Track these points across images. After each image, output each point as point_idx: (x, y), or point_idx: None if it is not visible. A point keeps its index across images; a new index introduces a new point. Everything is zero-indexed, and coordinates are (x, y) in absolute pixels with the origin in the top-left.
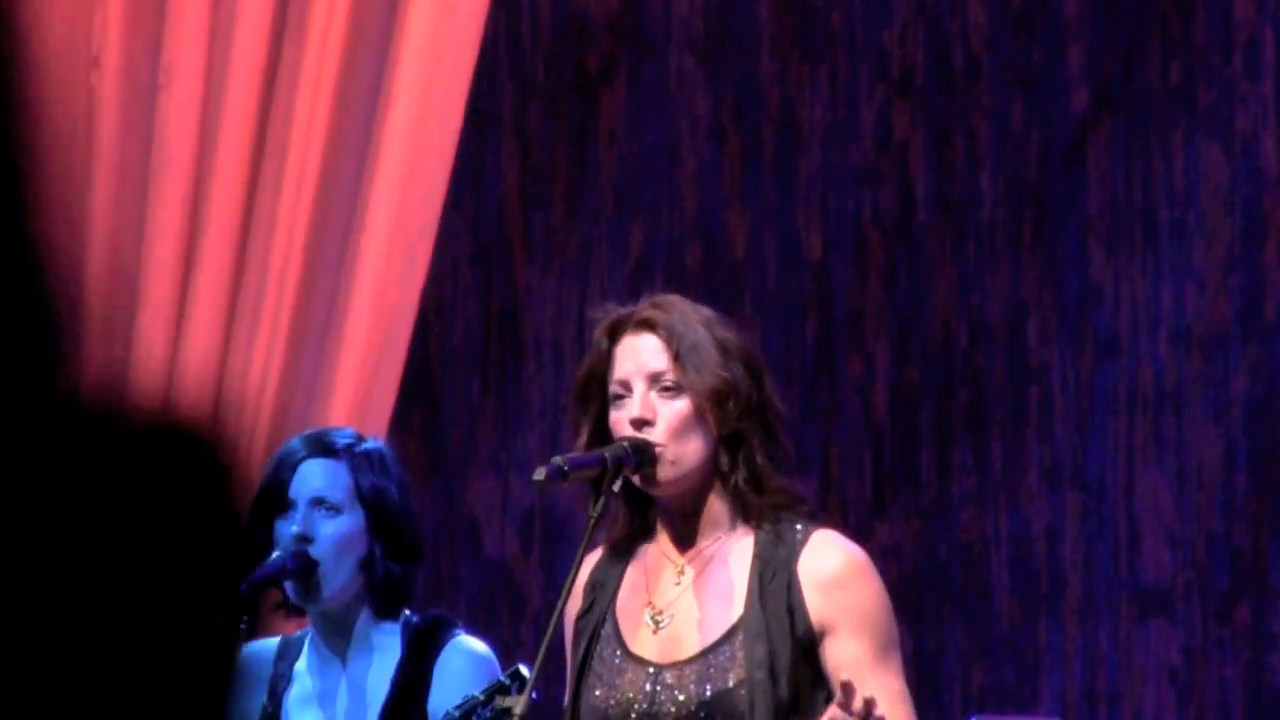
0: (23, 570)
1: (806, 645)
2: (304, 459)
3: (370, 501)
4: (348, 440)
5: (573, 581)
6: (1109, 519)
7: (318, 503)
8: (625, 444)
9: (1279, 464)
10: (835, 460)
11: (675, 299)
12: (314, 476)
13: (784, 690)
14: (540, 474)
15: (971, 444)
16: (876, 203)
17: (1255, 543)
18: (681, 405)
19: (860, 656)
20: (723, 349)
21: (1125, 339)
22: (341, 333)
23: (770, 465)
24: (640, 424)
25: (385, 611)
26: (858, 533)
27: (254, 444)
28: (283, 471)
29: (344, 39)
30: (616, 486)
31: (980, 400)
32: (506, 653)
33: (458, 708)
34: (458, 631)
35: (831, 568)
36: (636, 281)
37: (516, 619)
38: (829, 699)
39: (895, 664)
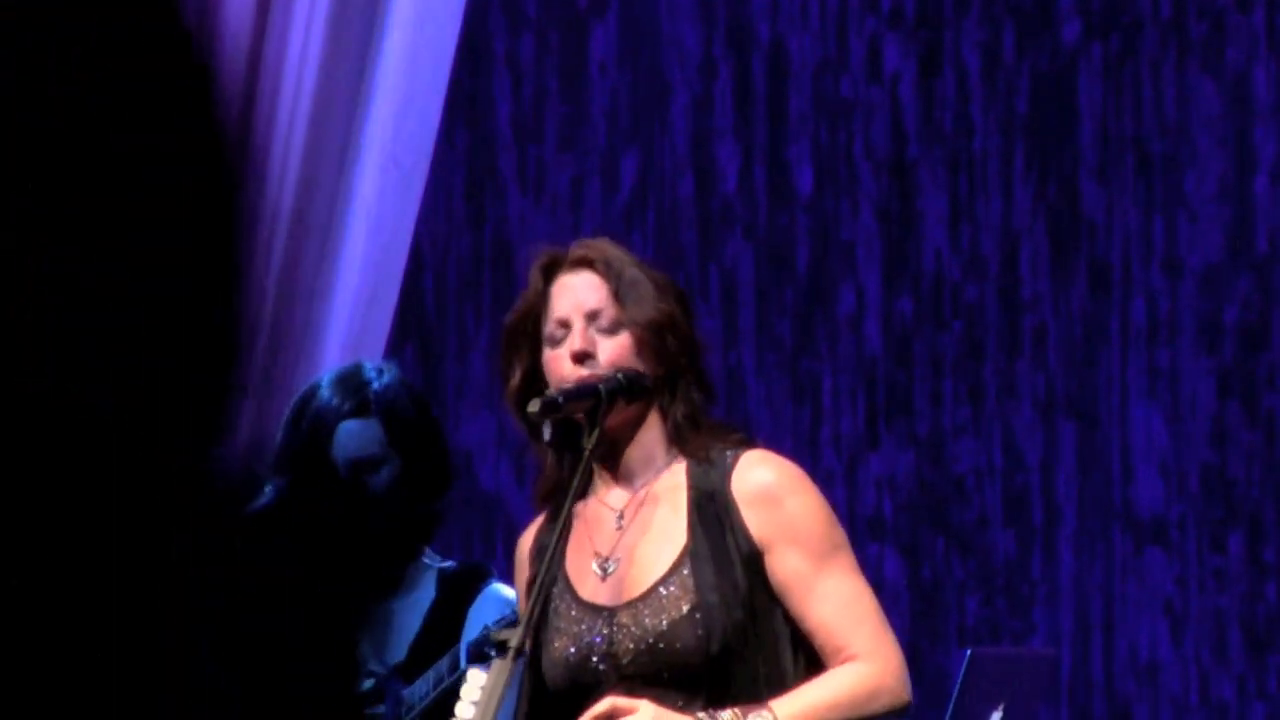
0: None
1: (752, 564)
2: (339, 420)
3: (406, 449)
4: (376, 389)
5: (568, 513)
6: (1102, 450)
7: (358, 464)
8: (619, 375)
9: (1272, 394)
10: (828, 393)
11: (603, 240)
12: (351, 438)
13: (738, 612)
14: (534, 406)
15: (965, 375)
16: (868, 135)
17: (1248, 473)
18: (622, 339)
19: (801, 566)
20: (657, 285)
21: (1117, 269)
22: (335, 268)
23: (701, 398)
24: (581, 357)
25: (419, 540)
26: (851, 465)
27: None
28: (320, 434)
29: None
30: (548, 435)
31: (973, 332)
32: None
33: (474, 643)
34: (493, 579)
35: (761, 482)
36: (629, 214)
37: (511, 552)
38: (786, 616)
39: (843, 565)
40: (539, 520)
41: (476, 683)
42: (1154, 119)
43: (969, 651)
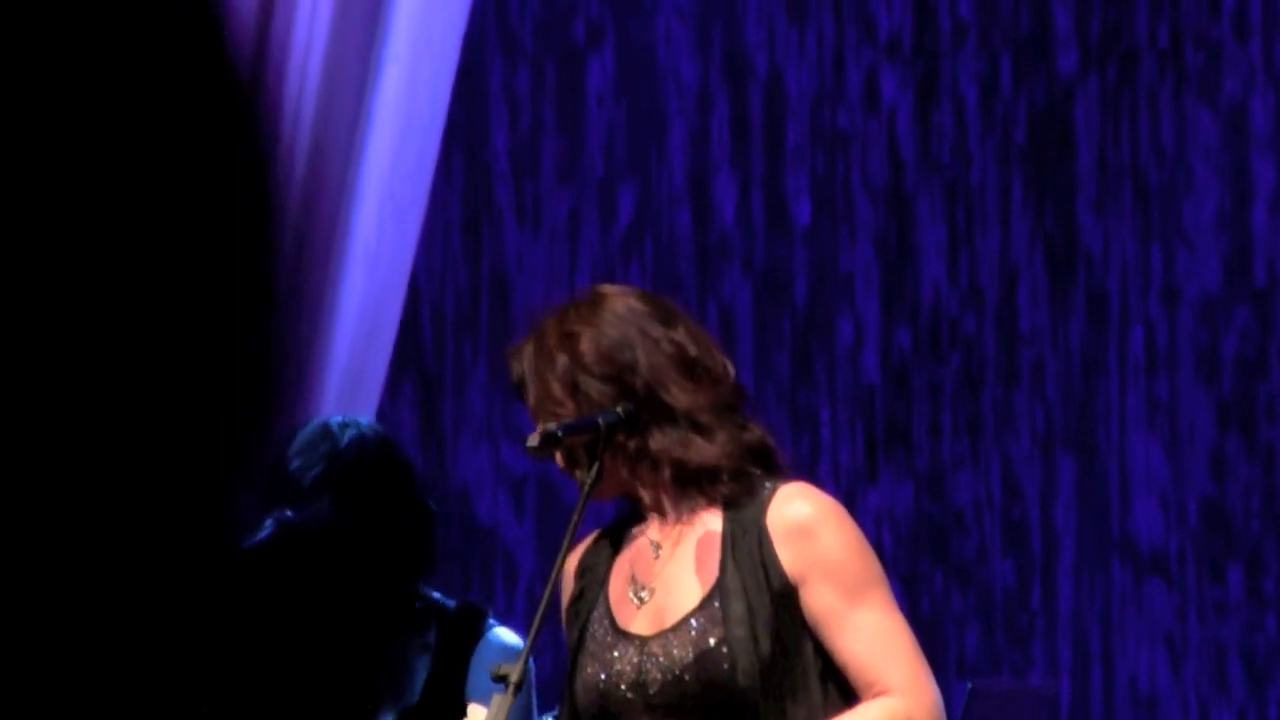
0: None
1: (784, 598)
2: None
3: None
4: (341, 457)
5: (567, 549)
6: (1101, 481)
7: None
8: (619, 410)
9: (1271, 425)
10: (827, 424)
11: (536, 330)
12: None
13: (765, 645)
14: (534, 440)
15: (963, 407)
16: (866, 166)
17: (1247, 504)
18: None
19: (835, 600)
20: (577, 367)
21: (1116, 300)
22: (334, 303)
23: (695, 443)
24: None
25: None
26: (850, 497)
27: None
28: (293, 466)
29: (333, 10)
30: (593, 473)
31: (971, 363)
32: (499, 621)
33: None
34: (492, 624)
35: (795, 516)
36: (627, 247)
37: (509, 587)
38: (818, 650)
39: (878, 599)
40: (589, 539)
41: (477, 717)
42: (1151, 149)
43: (969, 685)
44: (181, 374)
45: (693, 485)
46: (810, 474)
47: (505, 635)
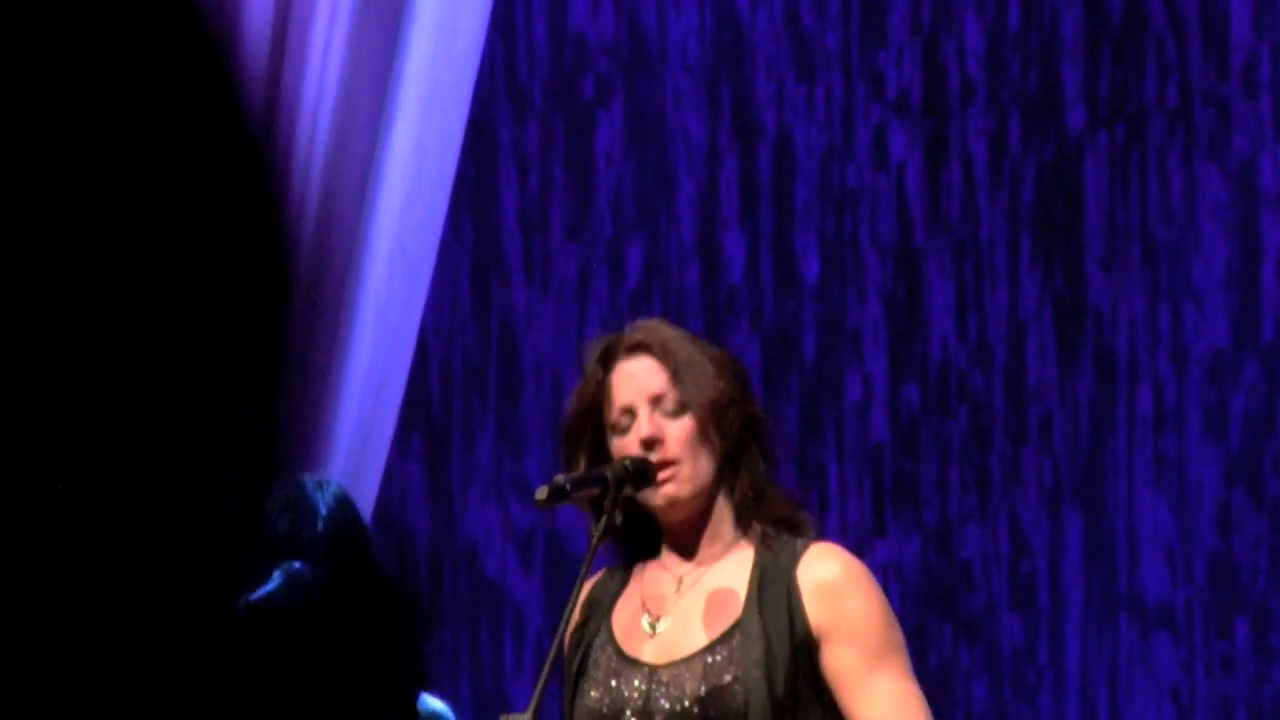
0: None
1: (805, 649)
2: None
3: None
4: (336, 512)
5: (574, 602)
6: (1109, 537)
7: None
8: (626, 462)
9: (1278, 481)
10: (835, 480)
11: (656, 321)
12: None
13: (779, 689)
14: (542, 493)
15: (971, 463)
16: (874, 223)
17: (1254, 560)
18: (687, 422)
19: (856, 663)
20: (714, 363)
21: (1124, 358)
22: (344, 358)
23: (767, 476)
24: (650, 442)
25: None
26: (858, 552)
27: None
28: (281, 525)
29: (343, 66)
30: (619, 519)
31: (980, 419)
32: (508, 676)
33: None
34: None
35: (827, 575)
36: (635, 303)
37: (518, 643)
38: (828, 706)
39: (896, 668)
40: (597, 575)
41: None
42: (1160, 207)
43: None
44: (194, 426)
45: (755, 521)
46: (818, 529)
47: (432, 703)
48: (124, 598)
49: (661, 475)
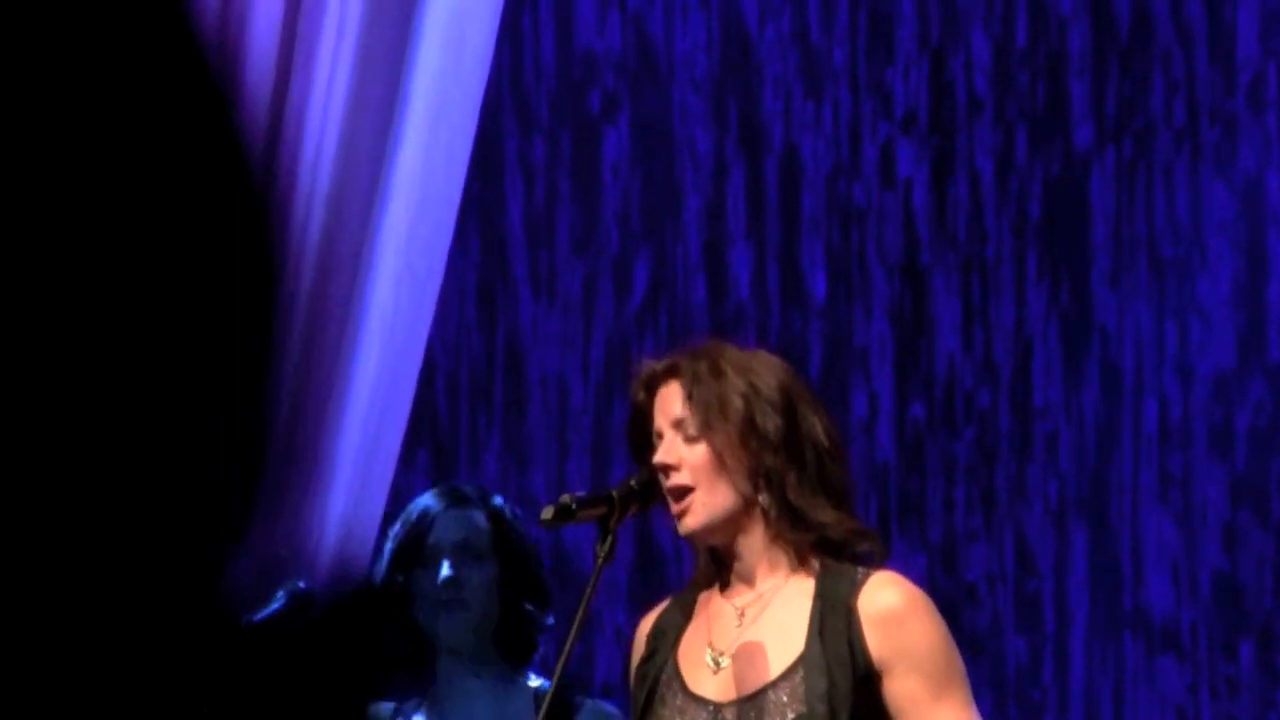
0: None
1: (867, 682)
2: (442, 510)
3: (508, 546)
4: (482, 494)
5: (579, 623)
6: (1114, 555)
7: (462, 550)
8: (632, 482)
9: None
10: None
11: (714, 343)
12: (455, 524)
13: None
14: (548, 513)
15: (977, 481)
16: (881, 239)
17: (1260, 579)
18: (701, 449)
19: (918, 692)
20: (750, 388)
21: (1130, 374)
22: (350, 374)
23: (813, 500)
24: (664, 469)
25: (519, 656)
26: None
27: None
28: (421, 525)
29: (350, 82)
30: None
31: (985, 437)
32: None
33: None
34: (587, 697)
35: (887, 604)
36: (641, 318)
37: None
38: None
39: (959, 697)
40: (661, 606)
41: None
42: (1167, 223)
43: None
44: (195, 443)
45: (806, 546)
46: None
47: (601, 707)
48: (121, 615)
49: (678, 506)
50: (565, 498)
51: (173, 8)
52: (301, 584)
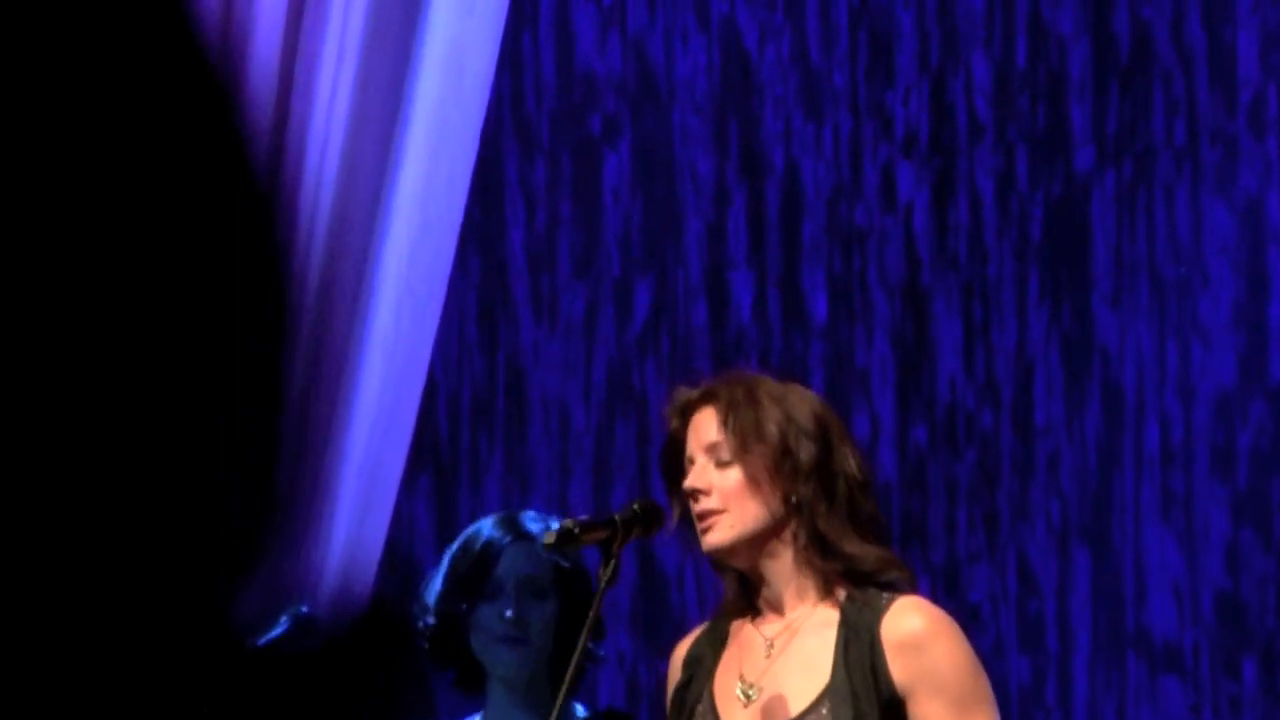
0: None
1: (893, 709)
2: (509, 544)
3: (570, 584)
4: (541, 525)
5: (583, 640)
6: (1116, 575)
7: (527, 585)
8: (635, 506)
9: None
10: None
11: (750, 373)
12: (522, 558)
13: None
14: (550, 537)
15: (979, 502)
16: (882, 262)
17: (1262, 599)
18: (734, 474)
19: (944, 715)
20: (786, 418)
21: (1131, 395)
22: (352, 397)
23: (843, 530)
24: (694, 493)
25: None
26: None
27: None
28: (486, 557)
29: (351, 106)
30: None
31: (987, 458)
32: None
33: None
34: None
35: (910, 629)
36: (642, 342)
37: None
38: None
39: (986, 719)
40: (697, 630)
41: None
42: (1168, 244)
43: None
44: (197, 465)
45: (834, 575)
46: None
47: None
48: (129, 640)
49: (702, 524)
50: (568, 522)
51: (178, 39)
52: (304, 608)
